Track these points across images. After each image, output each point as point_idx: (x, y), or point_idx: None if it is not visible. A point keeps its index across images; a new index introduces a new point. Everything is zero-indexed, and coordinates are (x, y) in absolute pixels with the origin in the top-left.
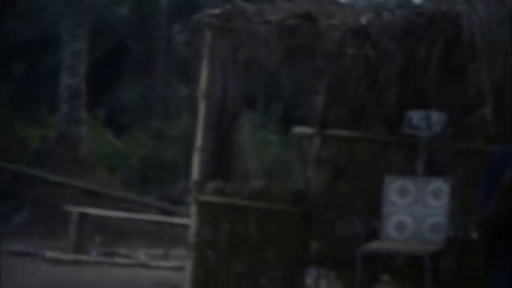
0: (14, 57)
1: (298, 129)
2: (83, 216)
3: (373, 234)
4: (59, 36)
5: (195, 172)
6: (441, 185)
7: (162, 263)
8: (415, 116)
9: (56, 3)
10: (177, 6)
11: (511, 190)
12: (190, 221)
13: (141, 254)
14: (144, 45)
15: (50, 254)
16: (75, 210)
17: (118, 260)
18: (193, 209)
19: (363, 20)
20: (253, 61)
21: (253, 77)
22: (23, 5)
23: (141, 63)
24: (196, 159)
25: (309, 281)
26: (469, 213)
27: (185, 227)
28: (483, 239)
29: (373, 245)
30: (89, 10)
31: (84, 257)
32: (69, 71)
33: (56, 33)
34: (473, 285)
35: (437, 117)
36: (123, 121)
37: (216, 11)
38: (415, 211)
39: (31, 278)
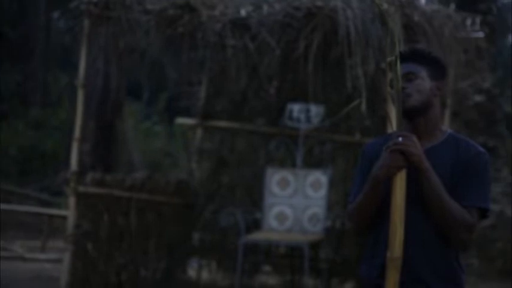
0: None
1: (181, 120)
2: None
3: (255, 224)
4: None
5: (74, 162)
6: (320, 176)
7: (40, 256)
8: (295, 108)
9: None
10: None
11: (380, 182)
12: (68, 212)
13: (18, 247)
14: (21, 31)
15: None
16: None
17: None
18: (71, 200)
19: (243, 12)
20: (134, 50)
21: (137, 67)
22: None
23: (18, 50)
24: (75, 150)
25: (191, 271)
26: (346, 204)
27: (65, 218)
28: (354, 229)
29: (254, 236)
30: None
31: None
32: None
33: None
34: (351, 274)
35: (316, 110)
36: None
37: None
38: (295, 202)
39: None
